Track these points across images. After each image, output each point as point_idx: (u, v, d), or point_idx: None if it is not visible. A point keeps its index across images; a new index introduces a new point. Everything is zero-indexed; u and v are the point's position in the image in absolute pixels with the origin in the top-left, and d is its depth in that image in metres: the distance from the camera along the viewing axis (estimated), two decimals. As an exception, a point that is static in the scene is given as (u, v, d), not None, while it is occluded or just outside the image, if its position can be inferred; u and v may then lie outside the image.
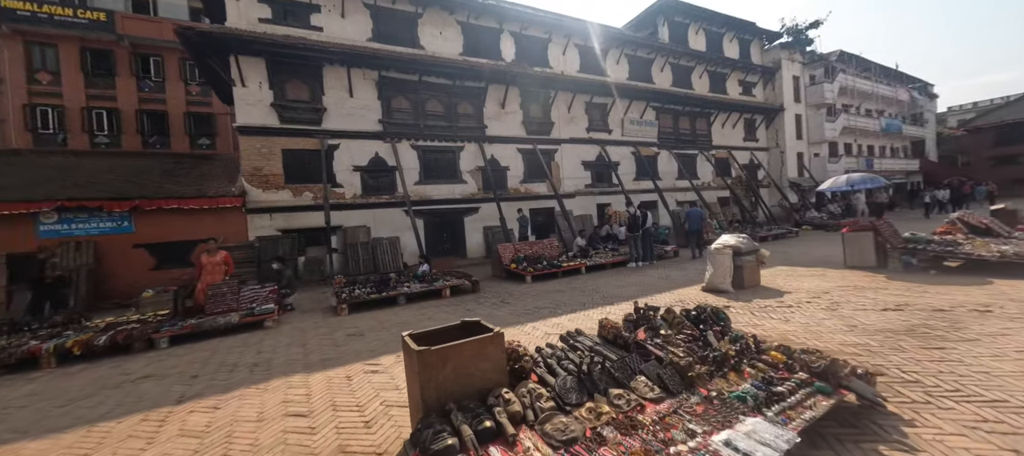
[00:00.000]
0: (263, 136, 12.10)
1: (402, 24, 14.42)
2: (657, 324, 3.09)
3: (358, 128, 13.35)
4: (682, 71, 21.49)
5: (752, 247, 6.29)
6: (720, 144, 22.75)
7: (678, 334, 2.96)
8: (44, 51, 16.07)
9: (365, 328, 5.64)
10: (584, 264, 9.27)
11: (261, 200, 11.99)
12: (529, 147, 16.43)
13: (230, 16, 12.02)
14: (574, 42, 17.96)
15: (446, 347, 2.17)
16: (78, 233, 10.06)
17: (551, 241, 10.79)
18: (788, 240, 13.35)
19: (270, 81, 12.17)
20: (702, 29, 22.37)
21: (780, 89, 24.27)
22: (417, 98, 14.35)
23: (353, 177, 13.27)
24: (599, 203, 18.26)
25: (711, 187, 22.04)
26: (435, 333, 2.63)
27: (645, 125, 19.81)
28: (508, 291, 7.76)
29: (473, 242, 15.06)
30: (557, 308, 5.96)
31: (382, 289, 7.37)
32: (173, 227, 10.93)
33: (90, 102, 16.59)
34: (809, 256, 9.27)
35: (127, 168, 11.66)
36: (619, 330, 3.02)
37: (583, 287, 7.54)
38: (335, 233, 12.82)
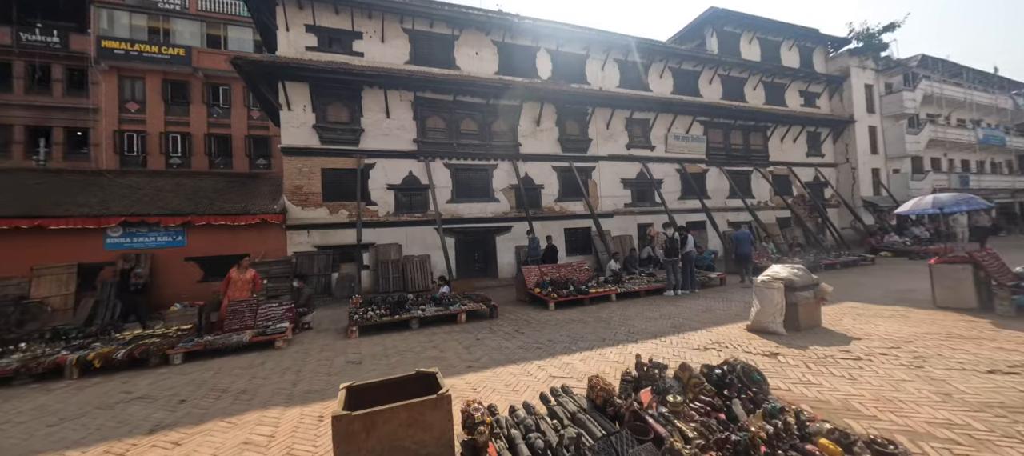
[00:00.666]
0: (305, 156, 12.67)
1: (439, 46, 14.70)
2: (665, 386, 2.44)
3: (393, 148, 13.62)
4: (733, 83, 20.07)
5: (809, 280, 5.30)
6: (779, 160, 20.82)
7: (693, 401, 2.30)
8: (133, 84, 18.23)
9: (368, 355, 5.37)
10: (614, 291, 8.51)
11: (300, 217, 12.47)
12: (565, 165, 15.93)
13: (280, 46, 12.87)
14: (613, 57, 17.39)
15: (372, 413, 1.75)
16: (139, 246, 10.95)
17: (581, 263, 10.12)
18: (861, 269, 11.60)
19: (313, 104, 12.79)
20: (756, 38, 20.87)
21: (849, 99, 21.90)
22: (451, 117, 14.44)
23: (387, 195, 13.48)
24: (640, 223, 17.21)
25: (769, 206, 20.14)
26: (384, 385, 2.21)
27: (692, 141, 18.59)
28: (527, 318, 7.23)
29: (505, 262, 14.68)
30: (574, 343, 5.34)
31: (396, 311, 7.15)
32: (220, 242, 11.60)
33: (167, 127, 18.49)
34: (886, 290, 7.84)
35: (187, 187, 12.65)
36: (611, 394, 2.38)
37: (610, 318, 6.83)
38: (367, 250, 13.01)
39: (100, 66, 17.37)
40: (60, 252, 10.17)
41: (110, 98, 17.68)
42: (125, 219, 10.58)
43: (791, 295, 5.15)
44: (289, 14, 12.81)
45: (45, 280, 9.94)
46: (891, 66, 23.07)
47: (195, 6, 18.93)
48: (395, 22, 14.02)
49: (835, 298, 7.41)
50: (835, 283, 9.04)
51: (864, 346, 4.49)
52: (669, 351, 4.69)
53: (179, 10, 18.65)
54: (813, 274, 5.44)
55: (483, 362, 4.65)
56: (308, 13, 13.03)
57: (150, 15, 18.33)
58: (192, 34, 18.89)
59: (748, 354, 4.43)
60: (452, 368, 4.46)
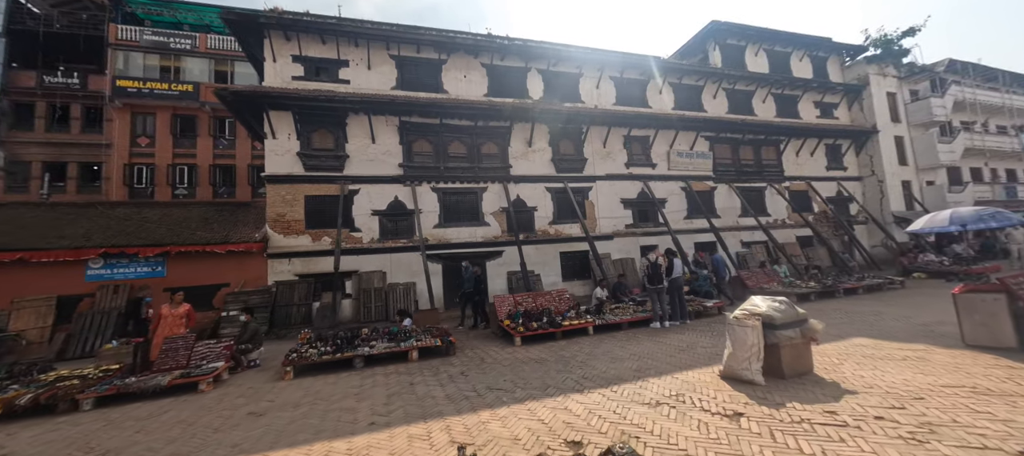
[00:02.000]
0: (288, 184, 12.56)
1: (426, 71, 14.61)
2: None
3: (379, 173, 13.39)
4: (739, 96, 19.15)
5: (794, 316, 4.39)
6: (795, 174, 19.52)
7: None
8: (145, 119, 19.01)
9: (283, 403, 4.78)
10: (592, 323, 7.67)
11: (282, 245, 12.26)
12: (559, 185, 15.30)
13: (267, 77, 13.03)
14: (608, 75, 16.90)
15: None
16: (119, 277, 10.92)
17: (561, 292, 9.33)
18: (886, 294, 10.26)
19: (298, 132, 12.77)
20: (762, 50, 20.00)
21: (870, 108, 20.49)
22: (439, 141, 14.17)
23: (371, 221, 13.17)
24: (643, 245, 16.22)
25: (787, 224, 18.76)
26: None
27: (697, 157, 17.66)
28: (484, 356, 6.50)
29: (496, 288, 13.95)
30: (512, 391, 4.59)
31: (342, 348, 6.57)
32: (200, 271, 11.47)
33: (175, 159, 19.09)
34: (909, 323, 6.68)
35: (175, 216, 12.72)
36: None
37: (573, 357, 6.02)
38: (350, 278, 12.63)
39: (115, 104, 18.22)
40: (42, 284, 10.21)
41: (122, 133, 18.44)
42: (105, 250, 10.59)
43: (771, 334, 4.26)
44: (276, 45, 13.01)
45: (24, 312, 9.94)
46: (915, 72, 21.59)
47: (205, 45, 19.78)
48: (381, 49, 14.05)
49: (844, 332, 6.36)
50: (852, 311, 7.91)
51: (858, 404, 3.55)
52: (613, 406, 3.88)
53: (190, 49, 19.52)
54: (800, 307, 4.51)
55: (391, 418, 3.97)
56: (294, 44, 13.20)
57: (162, 54, 19.25)
58: (201, 71, 19.68)
59: (705, 412, 3.57)
60: (348, 428, 3.80)
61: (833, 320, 7.34)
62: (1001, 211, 6.08)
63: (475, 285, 9.69)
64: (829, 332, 6.42)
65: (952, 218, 5.85)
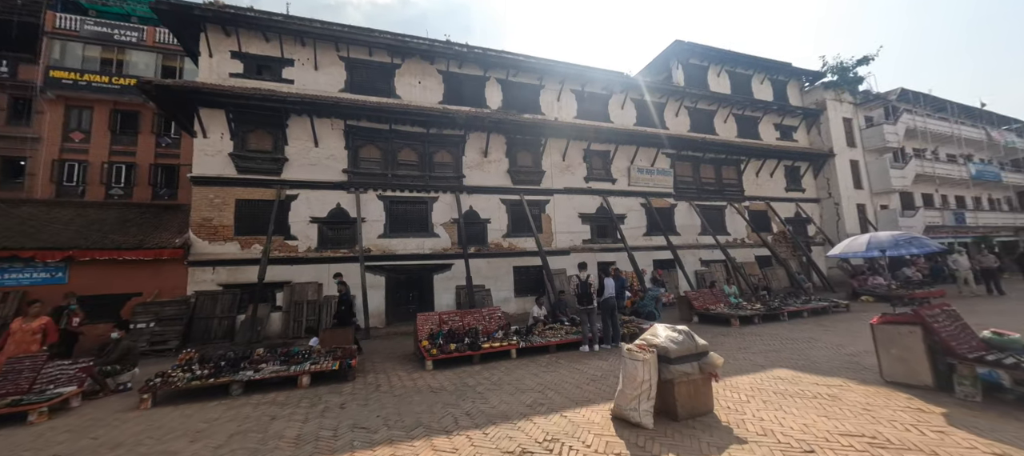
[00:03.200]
0: (217, 186, 11.72)
1: (378, 74, 14.07)
2: None
3: (320, 178, 12.67)
4: (701, 115, 19.29)
5: (691, 349, 3.95)
6: (755, 194, 19.67)
7: None
8: (81, 113, 17.76)
9: (108, 441, 4.03)
10: (515, 346, 7.11)
11: (206, 252, 11.35)
12: (515, 197, 14.87)
13: (202, 72, 12.24)
14: (570, 87, 16.72)
15: None
16: (10, 284, 9.83)
17: (492, 310, 8.76)
18: (830, 318, 10.09)
19: (232, 132, 11.98)
20: (725, 71, 20.29)
21: (827, 133, 20.98)
22: (388, 147, 13.57)
23: (310, 229, 12.39)
24: (601, 261, 15.87)
25: (746, 244, 18.80)
26: None
27: (657, 173, 17.56)
28: (383, 382, 5.86)
29: (443, 303, 13.32)
30: (387, 427, 3.97)
31: (223, 371, 5.81)
32: (109, 279, 10.46)
33: (112, 157, 17.84)
34: (838, 352, 6.38)
35: (89, 217, 11.67)
36: None
37: (479, 385, 5.45)
38: (281, 289, 11.78)
39: (46, 95, 16.96)
40: (-89, 290, 9.03)
41: (53, 127, 17.16)
42: (-8, 254, 9.50)
43: (665, 369, 3.79)
44: (213, 41, 12.26)
45: None
46: (870, 99, 22.30)
47: (153, 38, 18.75)
48: (330, 50, 13.46)
49: (770, 360, 5.99)
50: (788, 337, 7.62)
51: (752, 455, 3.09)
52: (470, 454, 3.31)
53: (135, 42, 18.46)
54: (701, 340, 4.08)
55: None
56: (234, 40, 12.48)
57: (105, 46, 18.12)
58: (147, 65, 18.60)
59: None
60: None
61: (764, 347, 7.00)
62: (918, 237, 5.90)
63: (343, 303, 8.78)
64: (754, 361, 6.05)
65: (870, 243, 5.62)
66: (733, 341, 7.59)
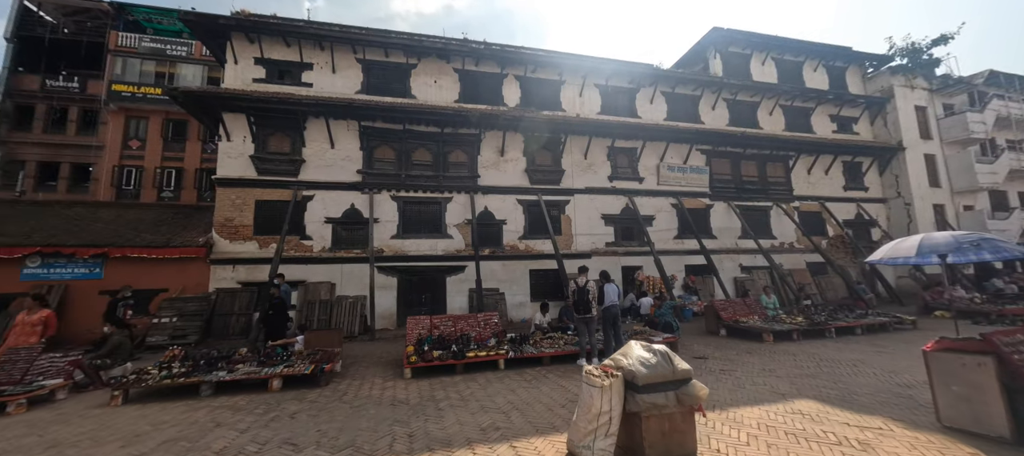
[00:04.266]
0: (239, 188, 12.14)
1: (394, 75, 14.06)
2: None
3: (336, 179, 12.79)
4: (743, 107, 17.63)
5: (667, 374, 3.17)
6: (806, 194, 17.67)
7: None
8: (138, 123, 19.41)
9: (51, 441, 3.94)
10: (503, 356, 6.52)
11: (227, 251, 11.76)
12: (532, 198, 14.26)
13: (227, 79, 12.79)
14: (593, 82, 15.86)
15: None
16: (54, 277, 10.65)
17: (489, 316, 8.20)
18: (889, 336, 8.53)
19: (253, 135, 12.38)
20: (770, 58, 18.45)
21: (895, 123, 18.44)
22: (403, 147, 13.48)
23: (324, 229, 12.52)
24: (626, 265, 14.88)
25: (795, 249, 16.89)
26: None
27: (691, 172, 16.22)
28: (351, 390, 5.50)
29: (456, 305, 12.98)
30: (314, 446, 3.58)
31: (202, 370, 5.73)
32: (139, 275, 11.06)
33: (163, 162, 19.31)
34: (890, 381, 5.17)
35: (129, 218, 12.50)
36: None
37: (446, 399, 4.94)
38: (296, 289, 11.95)
39: (110, 107, 18.68)
40: (-26, 282, 10.02)
41: (115, 136, 18.84)
42: (40, 249, 10.35)
43: (632, 399, 3.07)
44: (238, 47, 12.78)
45: (-47, 310, 9.73)
46: (950, 84, 19.36)
47: (200, 52, 20.13)
48: (347, 52, 13.61)
49: (796, 388, 4.96)
50: (827, 359, 6.43)
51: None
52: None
53: (185, 56, 19.93)
54: (682, 363, 3.29)
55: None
56: (257, 47, 12.93)
57: (158, 60, 19.70)
58: (194, 76, 20.01)
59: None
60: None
61: (795, 370, 5.90)
62: (992, 239, 4.55)
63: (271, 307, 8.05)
64: (776, 388, 5.03)
65: (922, 246, 4.41)
66: (758, 361, 6.51)
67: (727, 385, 5.12)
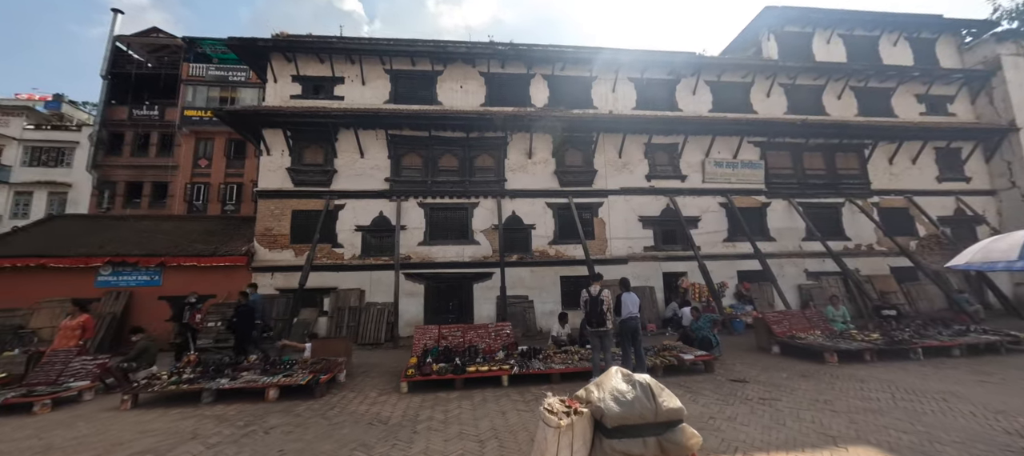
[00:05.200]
0: (277, 199, 12.77)
1: (421, 83, 14.14)
2: None
3: (365, 187, 13.05)
4: (803, 92, 15.64)
5: (647, 414, 2.47)
6: (888, 188, 15.25)
7: None
8: (206, 144, 21.44)
9: (48, 445, 4.07)
10: (508, 371, 5.97)
11: (266, 259, 12.38)
12: (563, 201, 13.60)
13: (268, 96, 13.58)
14: (627, 76, 14.89)
15: None
16: (123, 284, 11.80)
17: (500, 326, 7.69)
18: (998, 360, 6.79)
19: (290, 148, 13.00)
20: (837, 35, 16.26)
21: (1006, 99, 15.36)
22: (429, 154, 13.48)
23: (354, 237, 12.79)
24: (667, 271, 13.69)
25: (876, 251, 14.60)
26: None
27: (742, 167, 14.62)
28: (343, 403, 5.27)
29: (483, 313, 12.64)
30: None
31: (203, 377, 5.84)
32: (191, 282, 11.88)
33: (226, 179, 21.13)
34: (991, 426, 3.90)
35: (185, 229, 13.65)
36: None
37: (429, 421, 4.51)
38: (328, 295, 12.29)
39: (183, 131, 20.83)
40: (58, 288, 11.35)
41: (187, 156, 20.94)
42: (109, 259, 11.52)
43: (599, 446, 2.42)
44: (276, 67, 13.54)
45: (43, 312, 11.09)
46: (1082, 48, 15.78)
47: (255, 77, 21.88)
48: (376, 64, 13.92)
49: (851, 431, 3.92)
50: (907, 388, 5.18)
51: None
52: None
53: (243, 81, 21.75)
54: (670, 399, 2.57)
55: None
56: (293, 65, 13.61)
57: (223, 87, 21.69)
58: (251, 99, 21.73)
59: None
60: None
61: (858, 403, 4.75)
62: None
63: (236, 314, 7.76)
64: (825, 428, 3.99)
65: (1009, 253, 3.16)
66: (812, 388, 5.38)
67: (762, 420, 4.18)
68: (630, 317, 6.10)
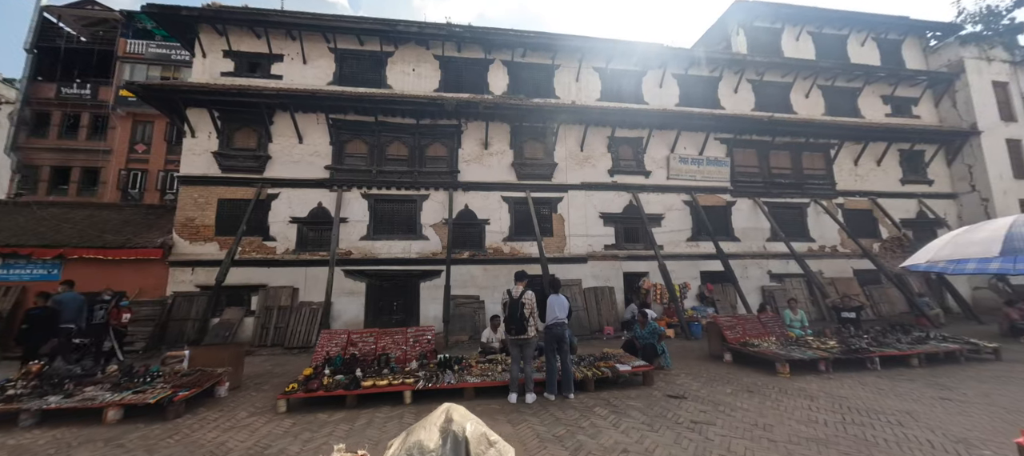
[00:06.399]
0: (202, 186, 11.51)
1: (368, 65, 13.07)
2: None
3: (303, 176, 11.92)
4: (772, 89, 15.25)
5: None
6: (853, 188, 15.01)
7: None
8: (144, 127, 19.73)
9: None
10: (412, 387, 5.07)
11: (187, 252, 11.12)
12: (520, 195, 12.77)
13: (195, 73, 12.28)
14: (591, 65, 14.16)
15: None
16: (14, 279, 10.37)
17: (421, 331, 6.76)
18: (961, 370, 6.29)
19: (219, 130, 11.75)
20: (806, 32, 15.94)
21: (968, 102, 15.33)
22: (376, 141, 12.43)
23: (289, 230, 11.65)
24: (628, 271, 13.04)
25: (839, 253, 14.32)
26: None
27: (707, 164, 14.10)
28: (191, 427, 4.28)
29: (431, 314, 11.70)
30: None
31: (33, 394, 4.73)
32: (96, 277, 10.54)
33: (166, 166, 19.46)
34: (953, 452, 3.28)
35: (99, 218, 12.20)
36: None
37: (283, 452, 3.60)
38: (256, 293, 11.12)
39: (118, 112, 19.07)
40: (-65, 283, 9.87)
41: (122, 140, 19.20)
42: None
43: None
44: (206, 41, 12.26)
45: (-88, 311, 9.58)
46: (1040, 54, 15.92)
47: (203, 55, 20.26)
48: (319, 42, 12.77)
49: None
50: (862, 407, 4.53)
51: None
52: None
53: (187, 60, 20.07)
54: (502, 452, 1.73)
55: None
56: (225, 39, 12.33)
57: (164, 66, 20.00)
58: (197, 80, 20.12)
59: None
60: None
61: (802, 427, 4.06)
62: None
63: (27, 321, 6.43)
64: (764, 461, 3.26)
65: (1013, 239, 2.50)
66: (755, 407, 4.68)
67: (685, 454, 3.41)
68: (556, 323, 5.29)
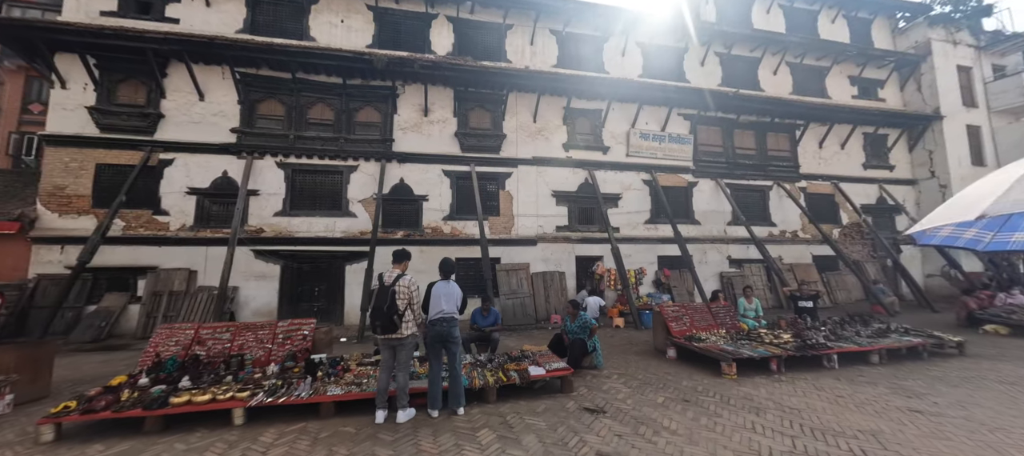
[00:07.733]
0: (75, 148, 9.58)
1: (288, 12, 11.26)
2: None
3: (204, 139, 10.14)
4: (739, 64, 14.37)
5: None
6: (816, 172, 14.45)
7: None
8: (40, 85, 16.98)
9: None
10: (240, 403, 3.77)
11: (55, 227, 9.25)
12: (464, 169, 11.43)
13: (66, 10, 10.13)
14: (548, 28, 12.81)
15: None
16: None
17: (295, 325, 5.39)
18: (922, 368, 5.56)
19: (97, 82, 9.77)
20: (777, 5, 15.03)
21: (932, 86, 14.93)
22: (295, 102, 10.74)
23: (186, 202, 9.92)
24: (581, 255, 12.01)
25: (800, 239, 13.77)
26: None
27: (670, 141, 13.13)
28: None
29: (355, 301, 10.27)
30: None
31: None
32: (-69, 256, 8.65)
33: (20, 127, 16.80)
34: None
35: (-50, 185, 10.07)
36: None
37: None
38: (144, 276, 9.43)
39: (7, 66, 16.30)
40: None
41: (13, 99, 16.48)
42: None
43: None
44: (81, -29, 10.11)
45: None
46: (1001, 41, 15.67)
47: (113, 3, 17.57)
48: (226, -19, 10.83)
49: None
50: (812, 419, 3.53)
51: None
52: None
53: (94, 7, 17.35)
54: None
55: None
56: (106, -30, 10.24)
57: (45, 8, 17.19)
58: (105, 31, 17.47)
59: None
60: None
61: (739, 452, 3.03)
62: None
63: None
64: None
65: None
66: (687, 422, 3.66)
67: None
68: (440, 318, 4.10)
